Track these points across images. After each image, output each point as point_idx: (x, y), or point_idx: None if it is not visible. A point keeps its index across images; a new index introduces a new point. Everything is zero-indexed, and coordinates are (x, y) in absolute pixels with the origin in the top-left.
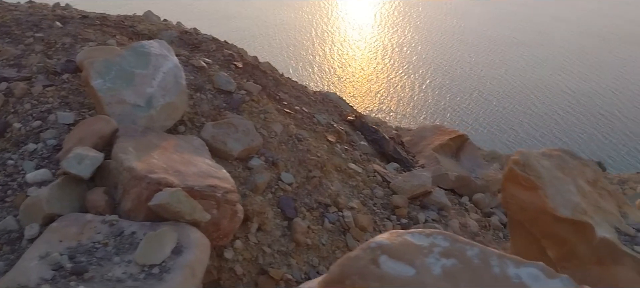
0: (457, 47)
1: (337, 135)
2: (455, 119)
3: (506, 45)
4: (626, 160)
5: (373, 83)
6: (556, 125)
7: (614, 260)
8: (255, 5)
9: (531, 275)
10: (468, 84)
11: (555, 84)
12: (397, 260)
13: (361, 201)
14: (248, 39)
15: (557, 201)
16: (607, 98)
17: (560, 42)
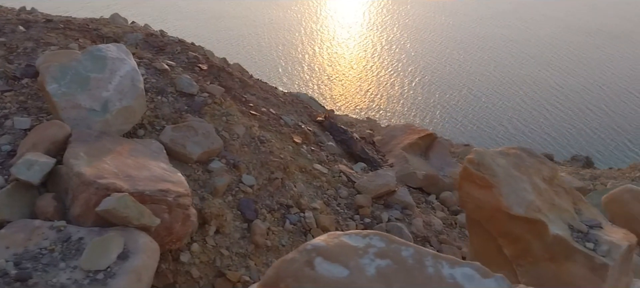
0: (446, 44)
1: (303, 136)
2: (445, 115)
3: (494, 42)
4: (614, 154)
5: (363, 81)
6: (545, 120)
7: (567, 257)
8: (244, 4)
9: (466, 275)
10: (457, 81)
11: (544, 79)
12: (332, 262)
13: (325, 201)
14: (237, 38)
15: (511, 199)
16: (595, 93)
17: (548, 38)
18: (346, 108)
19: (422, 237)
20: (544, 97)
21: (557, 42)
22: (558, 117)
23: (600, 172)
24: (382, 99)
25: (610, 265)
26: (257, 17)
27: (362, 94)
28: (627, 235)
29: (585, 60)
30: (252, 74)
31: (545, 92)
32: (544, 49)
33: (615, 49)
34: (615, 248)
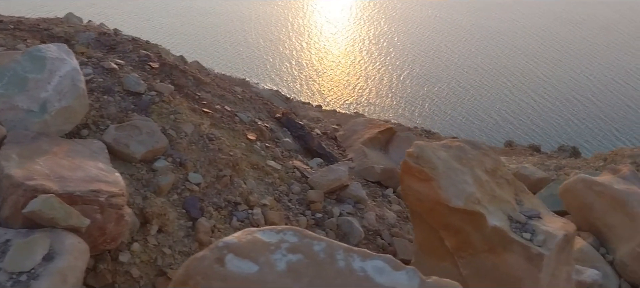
0: (433, 37)
1: (258, 133)
2: (433, 108)
3: (482, 35)
4: (602, 143)
5: (351, 76)
6: (532, 111)
7: (505, 248)
8: (231, 0)
9: (376, 268)
10: (445, 74)
11: (531, 71)
12: (242, 258)
13: (275, 198)
14: (224, 34)
15: (450, 192)
16: (582, 83)
17: (535, 29)
18: (335, 103)
19: (373, 230)
20: (531, 88)
21: (544, 34)
22: (546, 108)
23: (566, 162)
24: (371, 93)
25: (546, 255)
26: (244, 13)
27: (351, 89)
28: (566, 224)
29: (572, 51)
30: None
31: (532, 83)
32: (531, 40)
33: (601, 39)
34: (551, 237)
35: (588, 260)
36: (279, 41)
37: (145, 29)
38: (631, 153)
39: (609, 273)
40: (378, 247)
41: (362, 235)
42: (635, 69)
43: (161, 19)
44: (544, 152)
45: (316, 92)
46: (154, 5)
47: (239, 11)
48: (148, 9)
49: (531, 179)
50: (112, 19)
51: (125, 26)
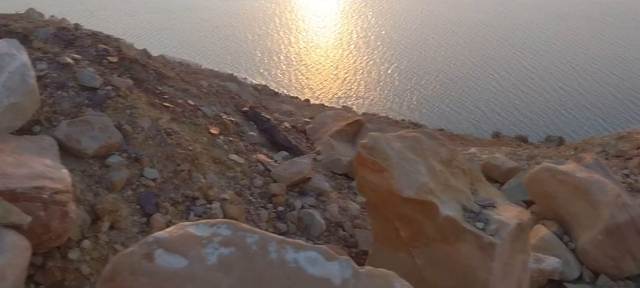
0: (421, 30)
1: (222, 127)
2: (422, 101)
3: (468, 27)
4: (588, 133)
5: (340, 69)
6: (520, 102)
7: (458, 237)
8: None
9: (309, 259)
10: (433, 67)
11: (518, 62)
12: (172, 253)
13: (236, 192)
14: (211, 30)
15: (402, 182)
16: (568, 74)
17: (521, 21)
18: (324, 97)
19: (335, 222)
20: (518, 80)
21: (530, 25)
22: (533, 99)
23: (538, 151)
24: (359, 86)
25: (498, 244)
26: (232, 9)
27: (340, 82)
28: (521, 213)
29: (558, 42)
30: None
31: (519, 75)
32: (517, 32)
33: (586, 30)
34: (504, 227)
35: (550, 249)
36: (267, 36)
37: (131, 25)
38: (601, 142)
39: (571, 261)
40: (339, 239)
41: (323, 227)
42: (620, 59)
43: (148, 14)
44: (531, 142)
45: (305, 86)
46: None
47: (226, 6)
48: (134, 5)
49: (502, 169)
50: (98, 15)
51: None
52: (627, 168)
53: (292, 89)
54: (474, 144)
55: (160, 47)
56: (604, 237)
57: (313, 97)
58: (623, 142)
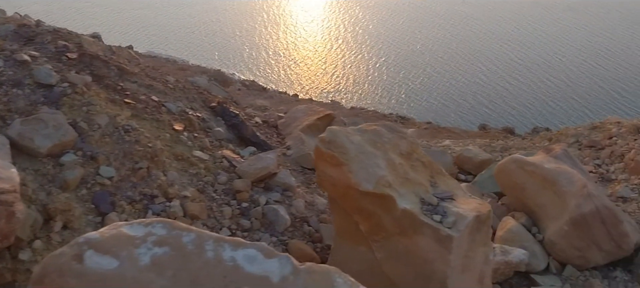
0: (408, 24)
1: (187, 123)
2: (410, 94)
3: (454, 20)
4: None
5: (328, 64)
6: (507, 94)
7: (415, 230)
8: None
9: (247, 257)
10: (420, 60)
11: (505, 54)
12: (103, 254)
13: (199, 188)
14: (199, 25)
15: (360, 176)
16: (555, 65)
17: (507, 14)
18: (313, 91)
19: (301, 217)
20: (505, 72)
21: (516, 17)
22: (520, 90)
23: (513, 143)
24: (348, 81)
25: (455, 237)
26: (219, 4)
27: (328, 77)
28: (481, 205)
29: (544, 33)
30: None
31: (506, 67)
32: (503, 24)
33: (572, 21)
34: (462, 219)
35: (517, 240)
36: (254, 31)
37: (117, 21)
38: (575, 132)
39: (538, 253)
40: (304, 234)
41: (288, 223)
42: (605, 50)
43: (134, 11)
44: (518, 134)
45: (294, 81)
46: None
47: (213, 2)
48: (120, 1)
49: (474, 161)
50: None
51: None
52: (599, 159)
53: (281, 84)
54: (461, 136)
55: (148, 44)
56: (570, 227)
57: (302, 92)
58: (596, 133)
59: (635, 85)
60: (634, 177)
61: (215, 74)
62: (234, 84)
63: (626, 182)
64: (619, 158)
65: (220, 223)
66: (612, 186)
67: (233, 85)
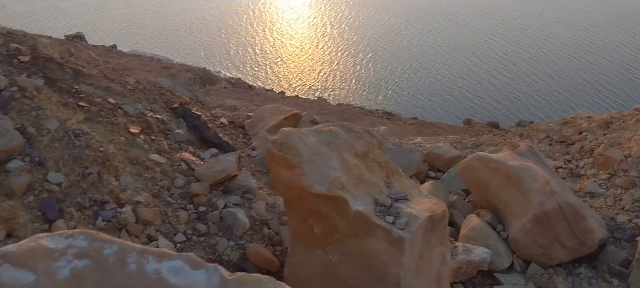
0: (393, 20)
1: (145, 126)
2: (396, 90)
3: (439, 15)
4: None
5: (315, 61)
6: (492, 88)
7: (368, 232)
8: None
9: (173, 269)
10: (406, 56)
11: (489, 49)
12: (19, 268)
13: (154, 193)
14: (184, 24)
15: (313, 178)
16: (539, 59)
17: (491, 8)
18: (300, 89)
19: (261, 220)
20: (490, 66)
21: (500, 12)
22: (505, 84)
23: (484, 138)
24: (335, 77)
25: (407, 238)
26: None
27: (315, 74)
28: (436, 205)
29: (528, 27)
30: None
31: (491, 61)
32: (487, 19)
33: (555, 14)
34: (414, 220)
35: (480, 239)
36: (241, 28)
37: (101, 20)
38: (546, 128)
39: (501, 251)
40: (264, 237)
41: (246, 227)
42: (588, 43)
43: (117, 10)
44: (502, 128)
45: (281, 78)
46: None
47: (198, 0)
48: (104, 0)
49: (444, 158)
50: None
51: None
52: (569, 154)
53: (267, 81)
54: (446, 131)
55: (132, 43)
56: (533, 225)
57: (288, 89)
58: (567, 128)
59: (619, 77)
60: (602, 172)
61: (200, 72)
62: (220, 82)
63: (594, 177)
64: (588, 154)
65: (175, 228)
66: (581, 181)
67: (219, 83)
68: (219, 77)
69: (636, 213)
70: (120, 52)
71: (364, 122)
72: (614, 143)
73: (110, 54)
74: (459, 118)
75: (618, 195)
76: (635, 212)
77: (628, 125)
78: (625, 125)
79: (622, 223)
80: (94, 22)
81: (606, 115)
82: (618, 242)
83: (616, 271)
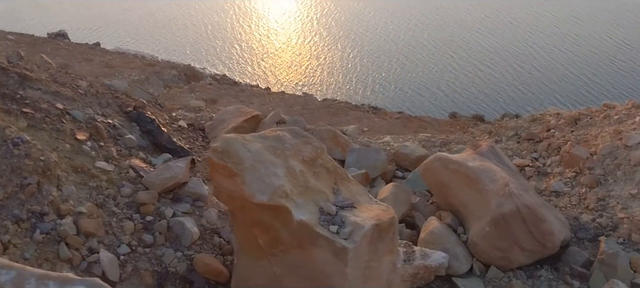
0: (379, 15)
1: (93, 131)
2: (383, 84)
3: (424, 9)
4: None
5: (301, 56)
6: (479, 81)
7: (312, 243)
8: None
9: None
10: (392, 50)
11: (475, 43)
12: None
13: (98, 203)
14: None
15: (254, 187)
16: (524, 52)
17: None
18: (285, 85)
19: (211, 229)
20: (476, 59)
21: (485, 6)
22: (491, 77)
23: (454, 137)
24: (322, 72)
25: (350, 248)
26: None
27: (302, 69)
28: (384, 212)
29: (514, 21)
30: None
31: (477, 55)
32: (473, 13)
33: (541, 8)
34: (359, 229)
35: (438, 242)
36: (226, 25)
37: (85, 17)
38: (515, 125)
39: (460, 255)
40: (214, 246)
41: (195, 236)
42: (574, 36)
43: (101, 7)
44: (488, 121)
45: (267, 74)
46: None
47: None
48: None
49: (411, 157)
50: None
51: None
52: (537, 152)
53: (253, 77)
54: (432, 125)
55: (116, 40)
56: (491, 228)
57: (274, 85)
58: (535, 125)
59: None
60: (568, 171)
61: (185, 69)
62: (205, 78)
63: (560, 175)
64: (555, 151)
65: (119, 239)
66: (547, 180)
67: (203, 80)
68: (204, 74)
69: (600, 213)
70: (104, 50)
71: (350, 117)
72: (581, 140)
73: (94, 52)
74: (445, 111)
75: (583, 194)
76: (598, 211)
77: (595, 121)
78: (593, 121)
79: (586, 223)
80: (77, 20)
81: (574, 111)
82: (581, 242)
83: (577, 272)
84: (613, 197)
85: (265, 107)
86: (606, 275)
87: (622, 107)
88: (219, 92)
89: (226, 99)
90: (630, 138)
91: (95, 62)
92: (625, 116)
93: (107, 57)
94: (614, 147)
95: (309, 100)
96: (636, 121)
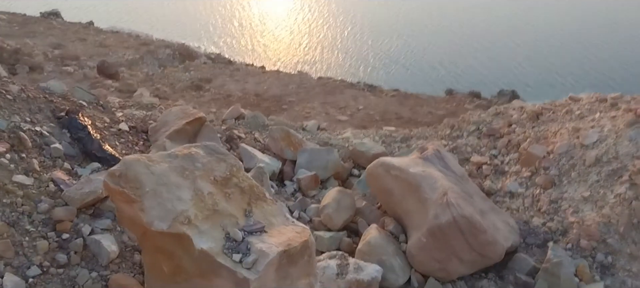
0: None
1: (15, 142)
2: (378, 62)
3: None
4: (542, 87)
5: (296, 34)
6: (476, 60)
7: (213, 272)
8: None
9: None
10: (387, 28)
11: (471, 21)
12: None
13: (10, 221)
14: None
15: (153, 214)
16: (522, 30)
17: None
18: (281, 63)
19: (133, 246)
20: (472, 38)
21: None
22: (489, 56)
23: (416, 132)
24: (316, 50)
25: (252, 279)
26: None
27: (296, 48)
28: (299, 234)
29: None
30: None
31: (473, 33)
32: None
33: None
34: (263, 257)
35: (374, 254)
36: (221, 3)
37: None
38: (477, 120)
39: (397, 266)
40: (134, 265)
41: (113, 255)
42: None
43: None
44: (484, 97)
45: (262, 53)
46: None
47: None
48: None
49: (367, 155)
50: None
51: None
52: (496, 149)
53: (248, 56)
54: (428, 102)
55: (111, 19)
56: (428, 239)
57: (269, 63)
58: (498, 119)
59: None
60: (525, 170)
61: (179, 48)
62: (200, 57)
63: (517, 175)
64: (515, 148)
65: (30, 260)
66: (503, 179)
67: (198, 59)
68: (198, 53)
69: (551, 216)
70: (98, 29)
71: (346, 96)
72: (541, 137)
73: (87, 31)
74: (441, 89)
75: (537, 195)
76: (550, 215)
77: (557, 117)
78: (555, 116)
79: (536, 227)
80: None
81: (538, 105)
82: (529, 248)
83: (521, 282)
84: (565, 200)
85: (260, 85)
86: (550, 286)
87: (587, 101)
88: (213, 71)
89: (221, 78)
90: (587, 136)
91: (89, 41)
92: (587, 111)
93: (101, 36)
94: (571, 146)
95: (304, 79)
96: (596, 117)
